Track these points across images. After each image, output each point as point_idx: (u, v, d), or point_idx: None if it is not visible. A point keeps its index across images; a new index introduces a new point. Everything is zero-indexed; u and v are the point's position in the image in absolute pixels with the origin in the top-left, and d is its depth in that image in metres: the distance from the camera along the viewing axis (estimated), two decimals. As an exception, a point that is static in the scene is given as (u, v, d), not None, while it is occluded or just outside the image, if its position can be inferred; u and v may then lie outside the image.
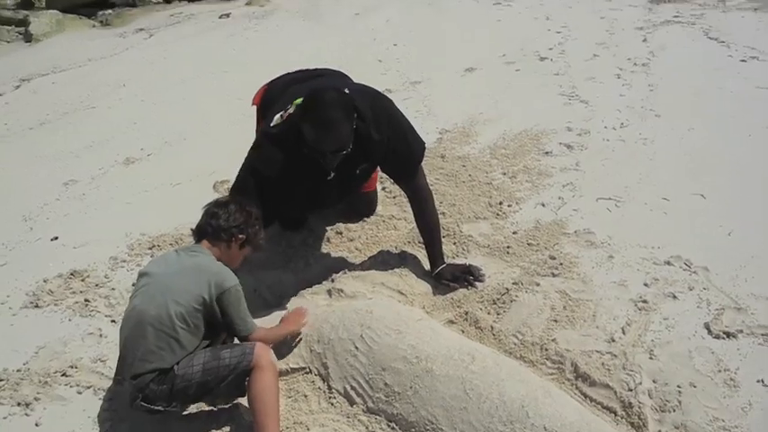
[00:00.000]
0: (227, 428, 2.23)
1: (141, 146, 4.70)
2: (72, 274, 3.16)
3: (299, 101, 2.62)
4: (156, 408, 2.14)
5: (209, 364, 2.15)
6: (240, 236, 2.38)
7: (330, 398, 2.31)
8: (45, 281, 3.14)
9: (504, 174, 3.74)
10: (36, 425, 2.32)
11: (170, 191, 4.00)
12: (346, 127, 2.47)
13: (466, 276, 2.83)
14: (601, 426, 1.97)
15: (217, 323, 2.24)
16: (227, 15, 8.89)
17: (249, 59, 6.50)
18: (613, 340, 2.42)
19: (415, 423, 2.11)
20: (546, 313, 2.59)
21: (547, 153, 3.96)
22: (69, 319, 2.87)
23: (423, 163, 2.89)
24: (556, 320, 2.55)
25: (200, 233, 2.39)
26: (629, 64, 5.44)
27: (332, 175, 2.64)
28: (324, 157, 2.51)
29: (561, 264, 2.88)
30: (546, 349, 2.40)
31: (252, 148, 2.71)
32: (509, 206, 3.39)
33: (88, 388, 2.46)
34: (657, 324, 2.50)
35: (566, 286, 2.73)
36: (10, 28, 9.06)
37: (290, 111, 2.64)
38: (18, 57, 7.92)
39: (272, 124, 2.65)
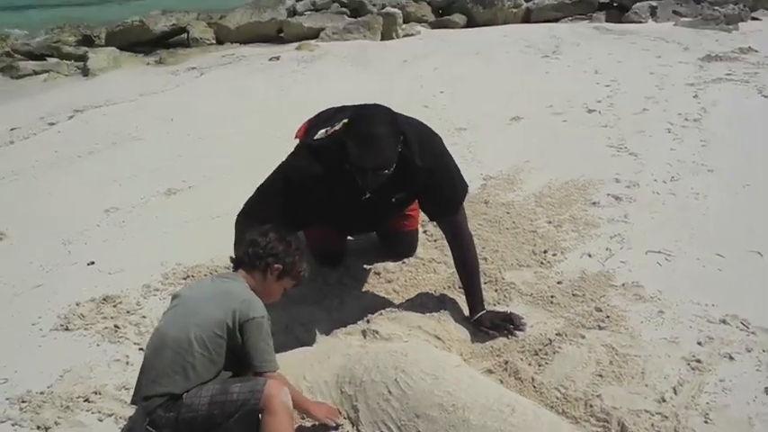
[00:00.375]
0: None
1: (183, 178, 4.73)
2: (104, 300, 3.12)
3: (346, 121, 2.59)
4: None
5: (217, 397, 2.04)
6: (276, 265, 2.30)
7: (359, 444, 2.18)
8: (77, 304, 3.11)
9: (550, 222, 3.63)
10: (55, 450, 2.24)
11: (208, 223, 3.98)
12: (391, 146, 2.42)
13: (506, 324, 2.70)
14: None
15: (237, 354, 2.15)
16: (277, 58, 9.08)
17: (296, 100, 6.57)
18: (664, 400, 2.25)
19: (447, 476, 1.97)
20: (591, 367, 2.44)
21: (594, 203, 3.84)
22: (98, 344, 2.82)
23: (466, 208, 2.81)
24: (601, 375, 2.39)
25: (237, 262, 2.33)
26: (679, 119, 5.32)
27: (367, 195, 2.55)
28: (364, 175, 2.43)
29: (608, 317, 2.73)
30: (591, 405, 2.24)
31: (289, 155, 2.69)
32: (554, 255, 3.27)
33: (110, 416, 2.39)
34: (713, 386, 2.32)
35: (612, 340, 2.58)
36: (69, 63, 9.43)
37: (336, 127, 2.61)
38: (74, 89, 8.20)
39: (315, 137, 2.63)
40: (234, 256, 2.36)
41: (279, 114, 6.17)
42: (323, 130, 2.66)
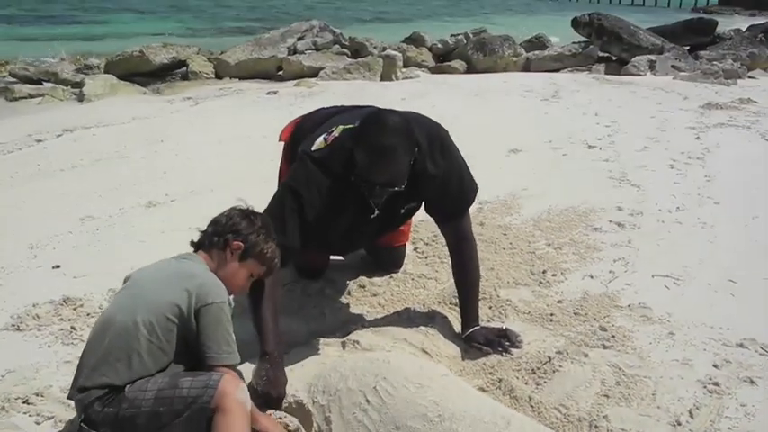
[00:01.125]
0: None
1: (166, 192, 4.52)
2: (64, 301, 2.87)
3: (347, 126, 2.37)
4: None
5: (164, 391, 1.75)
6: (236, 242, 2.02)
7: (329, 459, 1.90)
8: (34, 305, 2.84)
9: (549, 245, 3.41)
10: (-22, 454, 1.95)
11: (187, 234, 3.72)
12: (405, 161, 2.19)
13: (501, 341, 2.45)
14: None
15: (191, 344, 1.87)
16: (275, 93, 9.00)
17: (289, 128, 6.41)
18: (679, 423, 1.99)
19: (430, 496, 1.68)
20: (595, 387, 2.18)
21: (596, 229, 3.63)
22: (49, 346, 2.55)
23: None
24: (607, 396, 2.13)
25: (196, 244, 2.08)
26: (682, 157, 5.17)
27: (376, 212, 2.35)
28: (371, 190, 2.23)
29: (613, 336, 2.48)
30: (596, 426, 1.98)
31: (291, 170, 2.44)
32: (553, 275, 3.04)
33: (49, 419, 2.10)
34: (733, 410, 2.07)
35: (619, 360, 2.33)
36: (66, 88, 9.32)
37: (335, 134, 2.38)
38: (67, 112, 8.04)
39: (313, 148, 2.37)
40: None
41: (271, 140, 5.99)
42: (321, 138, 2.41)
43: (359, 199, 2.32)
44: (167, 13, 24.73)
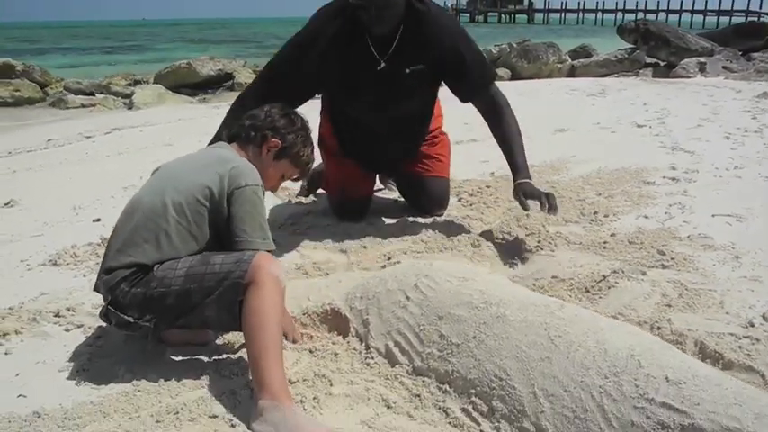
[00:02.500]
0: (226, 372, 1.72)
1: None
2: (102, 242, 2.83)
3: None
4: (125, 318, 1.66)
5: (195, 268, 1.66)
6: (274, 139, 1.96)
7: (367, 358, 1.78)
8: (72, 246, 2.82)
9: (599, 194, 3.25)
10: (6, 353, 1.89)
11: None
12: None
13: (546, 195, 2.45)
14: (747, 388, 1.34)
15: (222, 233, 1.78)
16: (318, 96, 9.08)
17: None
18: (752, 325, 1.80)
19: (476, 381, 1.54)
20: (656, 298, 2.00)
21: (649, 183, 3.44)
22: (84, 275, 2.51)
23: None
24: (669, 305, 1.96)
25: (230, 136, 2.02)
26: (738, 131, 4.92)
27: (382, 65, 2.42)
28: (368, 12, 2.30)
29: (673, 258, 2.30)
30: (658, 328, 1.80)
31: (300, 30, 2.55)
32: (605, 216, 2.87)
33: (79, 327, 2.04)
34: (814, 315, 1.86)
35: (680, 277, 2.15)
36: (116, 98, 9.60)
37: None
38: (116, 116, 8.28)
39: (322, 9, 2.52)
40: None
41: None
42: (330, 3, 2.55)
43: (365, 50, 2.43)
44: (218, 43, 25.54)
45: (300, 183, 3.38)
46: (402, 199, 3.23)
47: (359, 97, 2.58)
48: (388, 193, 3.49)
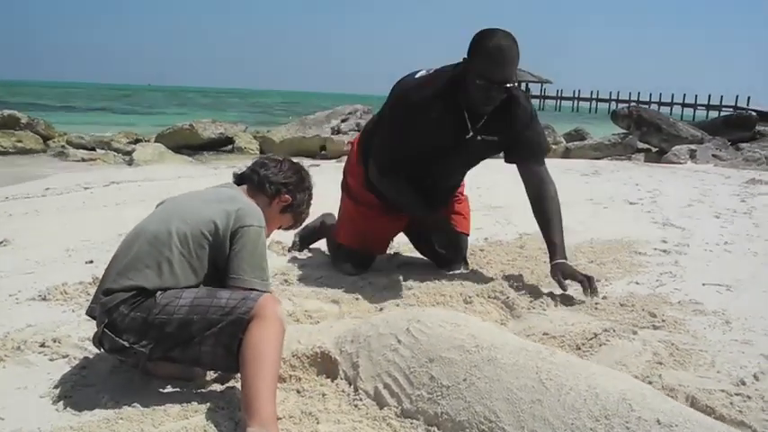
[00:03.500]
0: (211, 405, 1.68)
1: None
2: (94, 281, 2.81)
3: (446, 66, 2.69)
4: (120, 342, 1.65)
5: (200, 300, 1.67)
6: (286, 196, 2.03)
7: (355, 400, 1.75)
8: (63, 284, 2.81)
9: (591, 262, 3.28)
10: (-11, 379, 1.86)
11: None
12: (517, 60, 2.51)
13: (585, 277, 2.52)
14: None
15: (220, 269, 1.80)
16: (317, 165, 9.22)
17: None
18: (744, 383, 1.80)
19: (465, 423, 1.52)
20: (647, 356, 2.00)
21: (640, 253, 3.48)
22: (73, 310, 2.49)
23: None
24: (661, 363, 1.95)
25: (241, 178, 2.05)
26: (728, 212, 5.01)
27: (470, 134, 2.64)
28: (489, 91, 2.48)
29: (664, 321, 2.31)
30: (650, 382, 1.78)
31: (390, 107, 2.73)
32: (597, 281, 2.87)
33: (64, 357, 2.01)
34: (805, 377, 1.85)
35: (672, 338, 2.15)
36: (117, 154, 9.73)
37: (437, 68, 2.68)
38: (116, 171, 8.38)
39: (416, 76, 2.68)
40: (235, 174, 2.10)
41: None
42: (422, 71, 2.71)
43: (460, 120, 2.63)
44: (222, 108, 26.09)
45: (293, 237, 3.42)
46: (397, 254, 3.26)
47: (438, 163, 2.77)
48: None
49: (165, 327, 1.65)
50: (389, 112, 2.75)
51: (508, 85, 2.51)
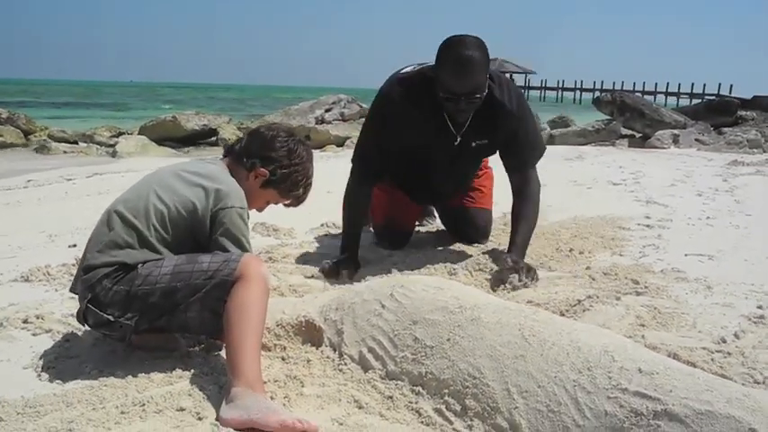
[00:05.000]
0: (196, 371, 1.68)
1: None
2: (77, 262, 2.78)
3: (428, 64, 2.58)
4: (105, 316, 1.64)
5: (181, 266, 1.66)
6: (262, 170, 1.96)
7: (340, 365, 1.75)
8: (46, 266, 2.78)
9: (575, 236, 3.29)
10: (-29, 353, 1.84)
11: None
12: (484, 70, 2.39)
13: (525, 270, 2.41)
14: (718, 379, 1.34)
15: (203, 248, 1.78)
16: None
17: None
18: (724, 341, 1.82)
19: (449, 381, 1.52)
20: (629, 319, 2.02)
21: (624, 228, 3.51)
22: (56, 290, 2.47)
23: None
24: (643, 325, 1.98)
25: (226, 149, 2.03)
26: (710, 191, 5.06)
27: (458, 140, 2.57)
28: (457, 103, 2.39)
29: (647, 287, 2.33)
30: (634, 341, 1.80)
31: (376, 97, 2.67)
32: (580, 253, 2.91)
33: (47, 332, 1.99)
34: (783, 334, 1.88)
35: (654, 303, 2.17)
36: (99, 147, 9.63)
37: (427, 64, 2.58)
38: (100, 164, 8.29)
39: (402, 71, 2.62)
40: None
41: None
42: (411, 66, 2.65)
43: (442, 124, 2.55)
44: (207, 103, 25.93)
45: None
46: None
47: (428, 164, 2.77)
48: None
49: (148, 297, 1.64)
50: (370, 108, 2.75)
51: (477, 95, 2.41)
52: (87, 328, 1.81)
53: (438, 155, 2.70)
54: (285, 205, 2.13)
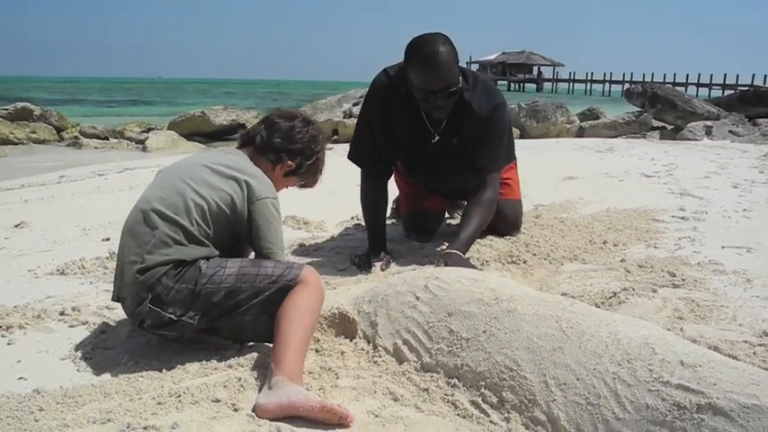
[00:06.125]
0: (231, 363, 1.68)
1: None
2: (111, 256, 2.84)
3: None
4: (166, 315, 1.65)
5: (246, 269, 1.70)
6: (290, 162, 1.99)
7: (374, 357, 1.74)
8: (81, 259, 2.82)
9: (609, 228, 3.24)
10: (8, 344, 1.87)
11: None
12: (453, 63, 2.36)
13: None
14: (763, 372, 1.30)
15: (242, 239, 1.81)
16: (330, 148, 9.21)
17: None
18: (766, 334, 1.77)
19: (485, 373, 1.51)
20: (667, 312, 1.98)
21: (658, 221, 3.44)
22: (91, 282, 2.52)
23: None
24: (681, 318, 1.93)
25: (244, 139, 2.03)
26: (746, 182, 4.94)
27: (436, 138, 2.57)
28: (434, 101, 2.38)
29: (684, 280, 2.28)
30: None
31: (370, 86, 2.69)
32: (615, 245, 2.86)
33: (83, 323, 2.02)
34: (830, 328, 1.82)
35: (692, 295, 2.12)
36: (129, 143, 9.77)
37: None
38: (131, 158, 8.42)
39: (388, 67, 2.63)
40: (241, 133, 2.09)
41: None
42: (398, 63, 2.64)
43: (419, 123, 2.56)
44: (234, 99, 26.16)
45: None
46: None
47: (415, 162, 2.81)
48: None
49: (212, 296, 1.66)
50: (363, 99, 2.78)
51: (452, 89, 2.39)
52: (140, 327, 1.79)
53: (417, 152, 2.71)
54: (300, 186, 2.15)
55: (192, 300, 1.66)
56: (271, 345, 1.67)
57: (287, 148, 1.98)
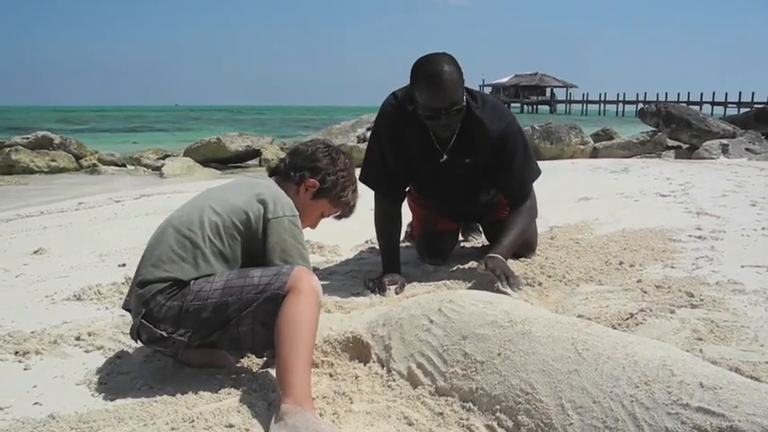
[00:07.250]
0: (245, 388, 1.68)
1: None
2: (126, 281, 2.85)
3: None
4: (158, 332, 1.65)
5: (233, 281, 1.67)
6: (311, 180, 2.01)
7: (389, 381, 1.73)
8: (97, 285, 2.85)
9: (625, 249, 3.21)
10: (24, 369, 1.88)
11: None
12: (457, 81, 2.38)
13: (507, 275, 2.35)
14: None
15: (257, 261, 1.81)
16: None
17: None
18: (790, 356, 1.73)
19: (501, 397, 1.49)
20: (685, 333, 1.95)
21: (675, 240, 3.40)
22: (107, 308, 2.53)
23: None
24: (701, 339, 1.90)
25: (271, 170, 2.07)
26: (764, 201, 4.88)
27: (444, 157, 2.58)
28: (438, 119, 2.40)
29: (702, 300, 2.25)
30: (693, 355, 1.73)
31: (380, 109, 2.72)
32: (631, 266, 2.83)
33: (99, 348, 2.03)
34: None
35: (711, 316, 2.09)
36: (146, 169, 9.88)
37: None
38: (146, 184, 8.51)
39: (396, 90, 2.66)
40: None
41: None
42: (405, 86, 2.66)
43: (428, 142, 2.58)
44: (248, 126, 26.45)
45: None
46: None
47: (426, 182, 2.81)
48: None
49: (200, 312, 1.65)
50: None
51: (457, 107, 2.40)
52: (139, 344, 1.84)
53: (427, 172, 2.71)
54: (336, 218, 2.16)
55: (182, 317, 1.66)
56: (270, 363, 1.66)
57: (309, 166, 2.02)
